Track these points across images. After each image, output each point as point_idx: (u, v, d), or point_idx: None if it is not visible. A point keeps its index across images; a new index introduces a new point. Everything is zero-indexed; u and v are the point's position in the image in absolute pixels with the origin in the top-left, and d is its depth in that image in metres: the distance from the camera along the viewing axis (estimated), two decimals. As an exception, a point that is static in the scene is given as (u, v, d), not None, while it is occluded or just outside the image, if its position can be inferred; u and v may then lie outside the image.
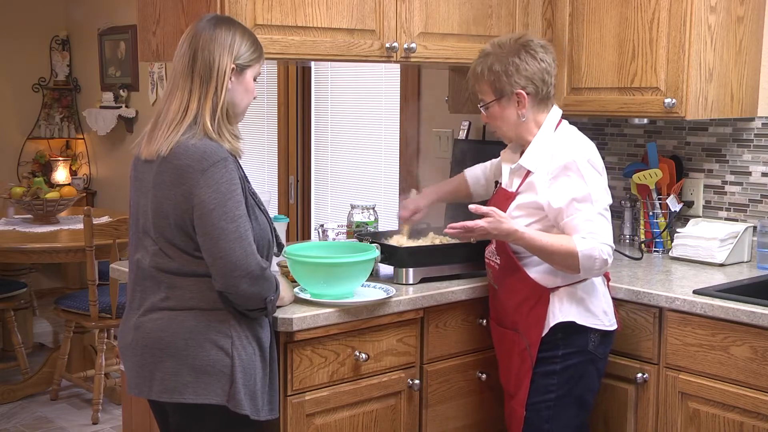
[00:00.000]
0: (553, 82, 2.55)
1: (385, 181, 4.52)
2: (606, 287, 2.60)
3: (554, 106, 2.60)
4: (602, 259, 2.40)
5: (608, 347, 2.59)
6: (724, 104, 2.97)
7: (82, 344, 4.83)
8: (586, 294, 2.50)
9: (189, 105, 2.17)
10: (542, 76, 2.51)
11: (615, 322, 2.57)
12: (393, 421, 2.61)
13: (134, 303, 2.26)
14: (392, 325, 2.57)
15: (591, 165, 2.46)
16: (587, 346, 2.51)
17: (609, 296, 2.59)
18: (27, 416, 4.42)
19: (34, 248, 4.36)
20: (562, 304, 2.49)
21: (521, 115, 2.53)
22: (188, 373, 2.15)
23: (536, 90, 2.52)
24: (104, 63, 6.49)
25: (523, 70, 2.50)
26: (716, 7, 2.87)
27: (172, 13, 2.64)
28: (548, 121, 2.56)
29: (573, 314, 2.49)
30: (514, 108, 2.53)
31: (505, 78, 2.50)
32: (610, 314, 2.56)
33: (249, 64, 2.24)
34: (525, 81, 2.50)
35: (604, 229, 2.42)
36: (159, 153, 2.15)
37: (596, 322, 2.51)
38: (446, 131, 4.00)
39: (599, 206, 2.43)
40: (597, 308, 2.52)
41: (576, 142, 2.53)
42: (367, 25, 2.79)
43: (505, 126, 2.58)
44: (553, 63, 2.55)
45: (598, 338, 2.52)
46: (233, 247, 2.10)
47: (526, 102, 2.51)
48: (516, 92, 2.51)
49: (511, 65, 2.50)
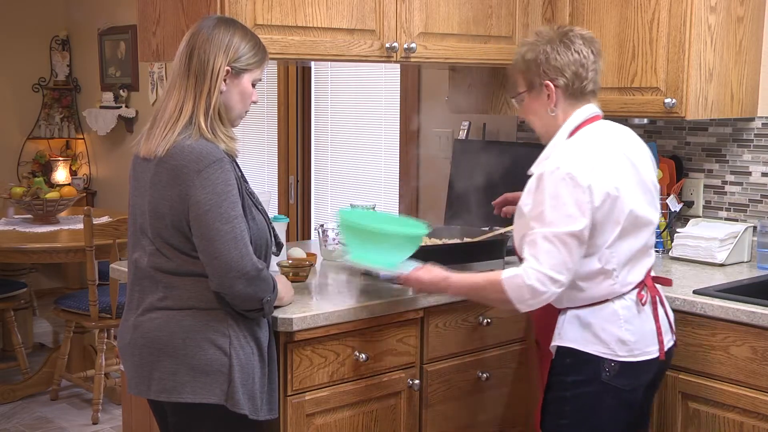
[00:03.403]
0: (591, 77, 2.32)
1: (385, 181, 4.52)
2: (641, 314, 2.29)
3: (589, 104, 2.34)
4: (529, 287, 2.14)
5: (637, 379, 2.30)
6: (724, 104, 2.97)
7: (82, 344, 4.83)
8: (596, 319, 2.26)
9: (184, 104, 2.17)
10: (575, 68, 2.29)
11: (644, 352, 2.28)
12: (393, 421, 2.61)
13: (132, 303, 2.26)
14: (392, 325, 2.56)
15: (568, 181, 2.15)
16: (600, 376, 2.26)
17: (642, 325, 2.29)
18: (27, 416, 4.42)
19: (34, 248, 4.36)
20: (563, 327, 2.29)
21: (550, 109, 2.32)
22: (186, 373, 2.15)
23: (567, 83, 2.29)
24: (104, 63, 6.49)
25: (553, 60, 2.28)
26: (716, 7, 2.86)
27: (172, 13, 2.64)
28: (570, 121, 2.31)
29: (574, 340, 2.27)
30: (544, 101, 2.32)
31: (534, 68, 2.31)
32: (634, 344, 2.27)
33: (246, 68, 2.22)
34: (555, 72, 2.29)
35: (544, 256, 2.14)
36: (156, 153, 2.15)
37: (604, 352, 2.25)
38: (446, 131, 4.00)
39: (550, 230, 2.14)
40: (609, 336, 2.25)
41: (573, 151, 2.24)
42: (367, 25, 2.79)
43: (536, 121, 2.38)
44: (592, 56, 2.31)
45: (616, 369, 2.25)
46: (228, 248, 2.10)
47: (555, 95, 2.30)
48: (544, 83, 2.30)
49: (542, 54, 2.30)
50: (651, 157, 2.39)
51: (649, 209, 2.31)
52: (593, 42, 2.35)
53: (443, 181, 3.75)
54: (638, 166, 2.30)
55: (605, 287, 2.27)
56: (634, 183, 2.27)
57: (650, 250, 2.36)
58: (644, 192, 2.30)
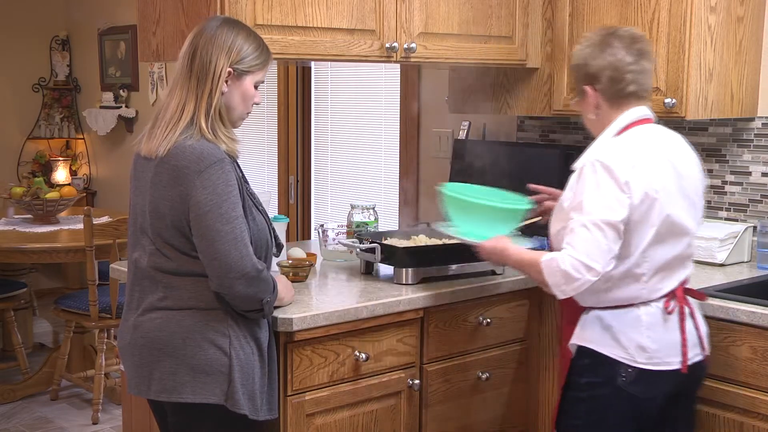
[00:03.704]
0: (629, 78, 2.27)
1: (385, 181, 4.52)
2: (666, 323, 2.26)
3: (639, 107, 2.31)
4: (563, 272, 2.14)
5: (654, 388, 2.26)
6: (724, 104, 2.97)
7: (82, 344, 4.83)
8: (618, 322, 2.25)
9: (186, 105, 2.17)
10: (609, 72, 2.27)
11: (664, 362, 2.25)
12: (393, 421, 2.61)
13: (133, 303, 2.26)
14: (392, 325, 2.56)
15: (605, 173, 2.17)
16: (616, 380, 2.24)
17: (667, 334, 2.25)
18: (27, 416, 4.42)
19: (34, 248, 4.36)
20: (584, 327, 2.29)
21: (594, 112, 2.33)
22: (186, 373, 2.16)
23: (604, 87, 2.28)
24: (104, 63, 6.49)
25: (590, 66, 2.30)
26: (716, 7, 2.86)
27: (172, 13, 2.64)
28: (618, 121, 2.29)
29: (593, 340, 2.27)
30: (589, 104, 2.33)
31: (576, 72, 2.36)
32: (654, 352, 2.24)
33: (249, 70, 2.22)
34: (592, 77, 2.30)
35: (581, 243, 2.15)
36: (157, 153, 2.15)
37: (623, 356, 2.23)
38: (446, 131, 4.00)
39: (588, 218, 2.16)
40: (628, 341, 2.23)
41: (616, 147, 2.24)
42: (367, 25, 2.79)
43: (587, 121, 2.39)
44: (629, 57, 2.26)
45: (633, 375, 2.23)
46: (228, 248, 2.10)
47: (593, 99, 2.31)
48: (583, 88, 2.32)
49: (581, 59, 2.32)
50: (699, 168, 2.36)
51: (688, 218, 2.27)
52: (634, 42, 2.29)
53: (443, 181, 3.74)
54: (682, 173, 2.27)
55: (632, 291, 2.25)
56: (675, 189, 2.24)
57: (687, 261, 2.32)
58: (685, 200, 2.27)
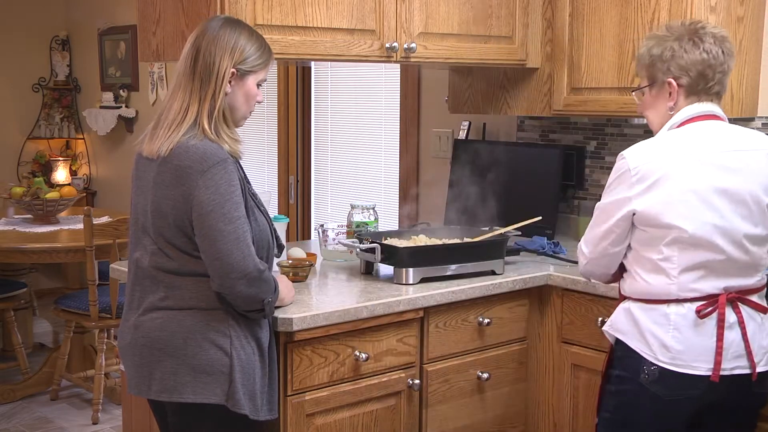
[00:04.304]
0: (718, 78, 2.24)
1: (385, 181, 4.52)
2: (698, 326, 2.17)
3: (709, 104, 2.27)
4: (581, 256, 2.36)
5: (679, 391, 2.18)
6: (724, 104, 2.94)
7: (82, 344, 4.82)
8: (644, 316, 2.21)
9: (189, 106, 2.17)
10: (702, 68, 2.22)
11: (689, 365, 2.17)
12: (393, 421, 2.61)
13: (133, 303, 2.26)
14: (392, 325, 2.56)
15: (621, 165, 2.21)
16: (639, 376, 2.20)
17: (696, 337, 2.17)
18: (27, 416, 4.42)
19: (34, 248, 4.36)
20: (616, 316, 2.29)
21: (670, 107, 2.27)
22: (187, 373, 2.15)
23: (690, 83, 2.23)
24: (104, 63, 6.49)
25: (679, 58, 2.22)
26: (716, 7, 2.86)
27: (172, 13, 2.64)
28: (679, 114, 2.26)
29: (622, 331, 2.25)
30: (665, 98, 2.27)
31: (659, 63, 2.26)
32: (678, 353, 2.16)
33: (251, 70, 2.22)
34: (679, 70, 2.23)
35: (591, 231, 2.31)
36: (159, 153, 2.15)
37: (647, 352, 2.19)
38: (446, 131, 4.00)
39: (600, 203, 2.28)
40: (652, 337, 2.19)
41: (653, 141, 2.25)
42: (367, 25, 2.79)
43: (654, 116, 2.33)
44: (723, 56, 2.23)
45: (656, 373, 2.18)
46: (231, 249, 2.10)
47: (676, 94, 2.25)
48: (667, 81, 2.25)
49: (668, 50, 2.24)
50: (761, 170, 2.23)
51: (742, 222, 2.18)
52: (725, 41, 2.26)
53: (443, 181, 3.75)
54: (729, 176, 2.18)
55: (661, 285, 2.19)
56: (711, 192, 2.16)
57: (743, 268, 2.21)
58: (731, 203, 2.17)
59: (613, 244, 2.26)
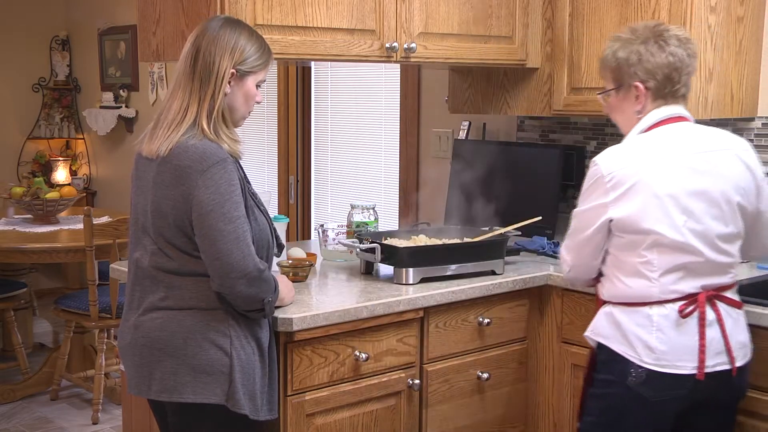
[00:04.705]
0: (684, 81, 2.26)
1: (385, 182, 4.52)
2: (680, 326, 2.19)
3: (676, 106, 2.28)
4: (562, 258, 2.38)
5: (666, 392, 2.20)
6: (724, 104, 2.96)
7: (82, 344, 4.83)
8: (627, 320, 2.22)
9: (189, 106, 2.17)
10: (668, 72, 2.23)
11: (674, 365, 2.19)
12: (393, 422, 2.61)
13: (133, 303, 2.26)
14: (392, 325, 2.56)
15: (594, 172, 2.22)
16: (626, 379, 2.20)
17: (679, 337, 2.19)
18: (27, 416, 4.42)
19: (34, 248, 4.36)
20: (598, 321, 2.29)
21: (637, 110, 2.28)
22: (187, 373, 2.15)
23: (657, 86, 2.24)
24: (104, 63, 6.49)
25: (646, 61, 2.23)
26: (716, 7, 2.86)
27: (172, 13, 2.64)
28: (647, 118, 2.27)
29: (604, 336, 2.26)
30: (631, 101, 2.28)
31: (625, 67, 2.27)
32: (662, 354, 2.18)
33: (251, 71, 2.22)
34: (646, 74, 2.24)
35: (572, 239, 2.32)
36: (159, 153, 2.15)
37: (632, 354, 2.20)
38: (446, 131, 4.00)
39: (577, 211, 2.29)
40: (636, 339, 2.20)
41: (622, 148, 2.25)
42: (367, 25, 2.79)
43: (621, 118, 2.35)
44: (687, 58, 2.25)
45: (642, 376, 2.19)
46: (230, 248, 2.10)
47: (644, 97, 2.26)
48: (634, 84, 2.26)
49: (634, 54, 2.25)
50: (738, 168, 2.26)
51: (714, 222, 2.20)
52: (688, 43, 2.27)
53: (443, 181, 3.75)
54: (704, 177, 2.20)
55: (642, 287, 2.21)
56: (685, 194, 2.18)
57: (719, 267, 2.24)
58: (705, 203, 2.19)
59: (594, 253, 2.29)
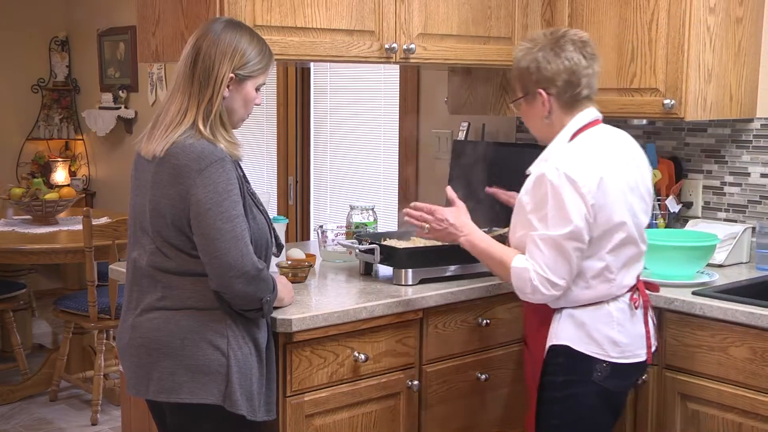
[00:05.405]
0: (584, 83, 2.32)
1: (384, 182, 4.52)
2: (633, 317, 2.33)
3: (589, 109, 2.36)
4: (533, 286, 2.22)
5: (626, 381, 2.39)
6: (723, 105, 2.97)
7: (81, 345, 4.83)
8: (590, 320, 2.30)
9: (188, 109, 2.17)
10: (566, 77, 2.29)
11: (635, 354, 2.33)
12: (392, 422, 2.61)
13: (131, 303, 2.26)
14: (391, 326, 2.56)
15: (570, 186, 2.19)
16: (592, 375, 2.30)
17: (634, 327, 2.33)
18: (26, 417, 4.42)
19: (33, 249, 4.36)
20: (559, 326, 2.32)
21: (545, 116, 2.34)
22: (184, 373, 2.15)
23: (559, 91, 2.31)
24: (103, 64, 6.49)
25: (544, 69, 2.30)
26: (715, 8, 2.87)
27: (171, 14, 2.64)
28: (571, 125, 2.33)
29: (569, 338, 2.30)
30: (539, 108, 2.34)
31: (527, 75, 2.33)
32: (625, 346, 2.31)
33: (251, 75, 2.22)
34: (546, 81, 2.31)
35: (548, 260, 2.21)
36: (156, 153, 2.15)
37: (598, 352, 2.29)
38: (445, 132, 4.00)
39: (553, 233, 2.20)
40: (601, 336, 2.29)
41: (574, 154, 2.27)
42: (367, 26, 2.79)
43: (533, 125, 2.41)
44: (584, 61, 2.31)
45: (608, 370, 2.30)
46: (229, 247, 2.10)
47: (549, 103, 2.32)
48: (538, 92, 2.32)
49: (533, 63, 2.31)
50: (647, 163, 2.43)
51: (643, 215, 2.36)
52: (586, 45, 2.34)
53: (442, 181, 3.75)
54: (641, 170, 2.37)
55: (604, 289, 2.31)
56: (634, 188, 2.32)
57: (642, 256, 2.39)
58: (640, 197, 2.34)
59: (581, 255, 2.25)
